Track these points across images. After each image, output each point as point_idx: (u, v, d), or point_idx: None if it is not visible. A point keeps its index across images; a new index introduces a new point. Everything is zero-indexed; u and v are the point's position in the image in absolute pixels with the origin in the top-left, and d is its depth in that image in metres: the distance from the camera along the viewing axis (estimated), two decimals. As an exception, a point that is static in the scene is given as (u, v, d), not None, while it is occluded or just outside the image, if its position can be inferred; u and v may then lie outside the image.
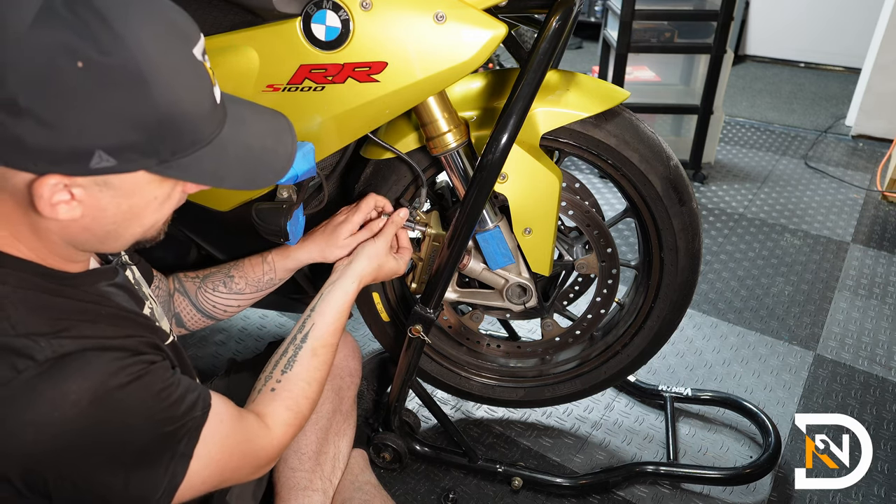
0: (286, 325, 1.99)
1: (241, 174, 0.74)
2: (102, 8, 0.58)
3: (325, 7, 0.96)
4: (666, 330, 1.36)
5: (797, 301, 2.10)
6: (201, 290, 1.15)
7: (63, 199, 0.63)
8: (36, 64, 0.56)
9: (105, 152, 0.61)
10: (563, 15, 0.99)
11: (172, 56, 0.63)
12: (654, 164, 1.19)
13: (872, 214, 2.65)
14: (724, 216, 2.64)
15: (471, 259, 1.26)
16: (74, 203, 0.64)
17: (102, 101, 0.59)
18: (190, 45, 0.65)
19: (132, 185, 0.66)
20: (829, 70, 4.54)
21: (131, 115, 0.61)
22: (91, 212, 0.66)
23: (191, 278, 1.16)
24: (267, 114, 0.82)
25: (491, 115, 1.15)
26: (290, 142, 0.81)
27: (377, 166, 1.23)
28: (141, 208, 0.69)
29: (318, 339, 1.00)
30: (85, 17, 0.57)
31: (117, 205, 0.67)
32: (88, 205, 0.65)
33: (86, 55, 0.57)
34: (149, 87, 0.60)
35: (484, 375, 1.48)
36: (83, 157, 0.60)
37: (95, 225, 0.68)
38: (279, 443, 0.90)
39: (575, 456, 1.53)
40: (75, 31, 0.57)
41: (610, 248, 1.28)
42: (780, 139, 3.41)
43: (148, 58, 0.60)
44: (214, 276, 1.16)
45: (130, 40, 0.59)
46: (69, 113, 0.58)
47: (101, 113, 0.59)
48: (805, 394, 1.71)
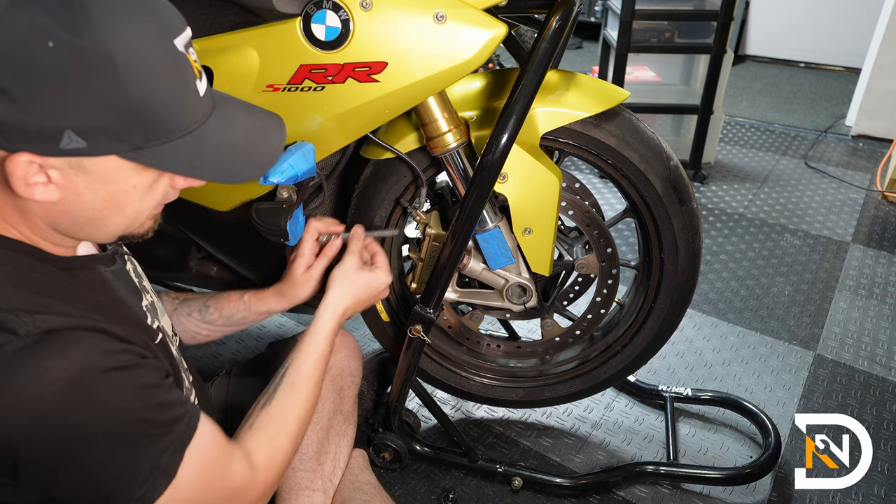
0: (286, 325, 1.99)
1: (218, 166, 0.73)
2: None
3: (325, 7, 0.96)
4: (666, 330, 1.36)
5: (797, 301, 2.10)
6: (177, 311, 1.16)
7: (39, 180, 0.64)
8: (9, 42, 0.58)
9: (75, 133, 0.62)
10: (563, 15, 0.99)
11: (149, 44, 0.64)
12: (654, 164, 1.19)
13: (872, 214, 2.65)
14: (724, 216, 2.64)
15: (471, 259, 1.26)
16: (52, 186, 0.65)
17: (72, 82, 0.60)
18: (171, 35, 0.66)
19: (107, 171, 0.66)
20: (829, 70, 4.54)
21: (101, 99, 0.62)
22: (68, 195, 0.67)
23: (171, 298, 1.17)
24: (260, 114, 0.81)
25: (491, 115, 1.15)
26: (276, 140, 0.81)
27: (377, 166, 1.23)
28: (120, 196, 0.69)
29: (298, 374, 0.98)
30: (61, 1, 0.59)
31: (94, 190, 0.67)
32: (65, 188, 0.66)
33: (57, 36, 0.59)
34: (120, 71, 0.61)
35: (484, 375, 1.48)
36: (53, 137, 0.62)
37: (74, 210, 0.69)
38: (263, 481, 0.85)
39: (575, 456, 1.54)
40: (50, 13, 0.59)
41: (610, 248, 1.28)
42: (780, 139, 3.41)
43: (121, 44, 0.61)
44: (192, 302, 1.17)
45: (105, 25, 0.60)
46: (39, 91, 0.60)
47: (70, 93, 0.60)
48: (805, 394, 1.71)
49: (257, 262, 1.35)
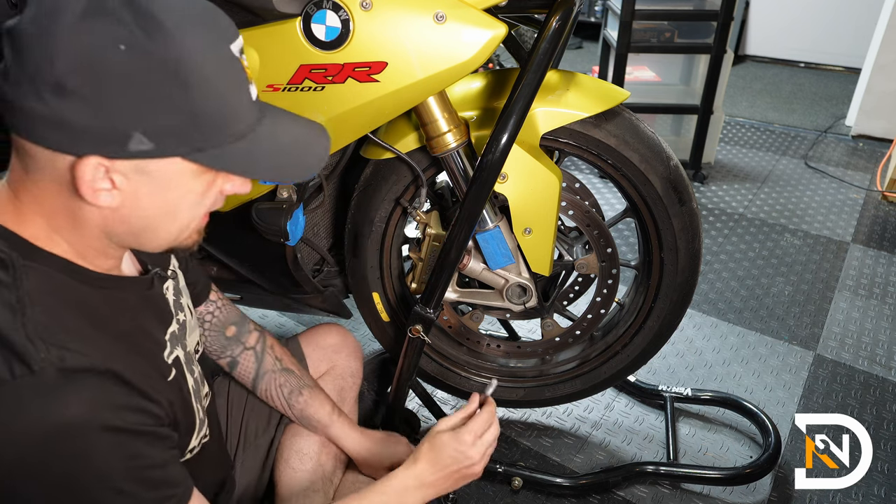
0: (286, 324, 1.99)
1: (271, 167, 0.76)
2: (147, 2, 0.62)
3: (325, 7, 0.96)
4: (666, 330, 1.36)
5: (797, 301, 2.10)
6: (270, 374, 1.15)
7: (104, 186, 0.65)
8: (85, 48, 0.60)
9: (143, 135, 0.63)
10: (563, 15, 0.99)
11: (212, 51, 0.66)
12: (654, 164, 1.19)
13: (872, 214, 2.65)
14: (724, 216, 2.64)
15: (471, 259, 1.26)
16: (115, 192, 0.66)
17: (143, 85, 0.62)
18: (228, 41, 0.69)
19: (168, 175, 0.68)
20: (829, 70, 4.54)
21: (169, 101, 0.64)
22: (129, 201, 0.68)
23: (276, 357, 1.15)
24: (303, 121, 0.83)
25: (491, 115, 1.15)
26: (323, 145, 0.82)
27: (377, 166, 1.23)
28: (176, 202, 0.71)
29: None
30: (131, 9, 0.61)
31: (153, 195, 0.69)
32: (127, 193, 0.67)
33: (129, 40, 0.61)
34: (187, 75, 0.63)
35: (484, 375, 1.48)
36: (123, 139, 0.63)
37: (132, 216, 0.70)
38: None
39: (575, 456, 1.53)
40: (122, 21, 0.61)
41: (610, 248, 1.28)
42: (780, 139, 3.41)
43: (188, 49, 0.64)
44: (291, 376, 1.15)
45: (173, 32, 0.63)
46: (112, 94, 0.61)
47: (141, 96, 0.62)
48: (805, 394, 1.71)
49: (257, 262, 1.35)
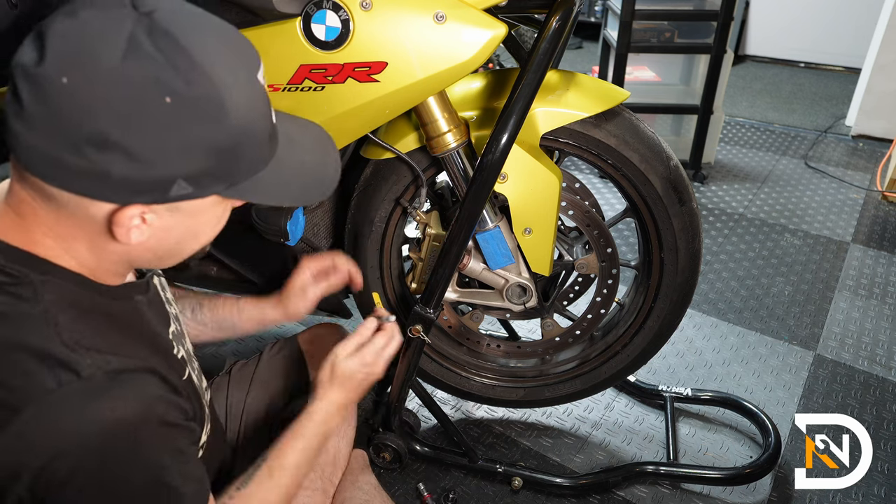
0: (286, 324, 1.99)
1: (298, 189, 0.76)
2: (182, 39, 0.60)
3: (325, 7, 0.96)
4: (666, 330, 1.36)
5: (797, 301, 2.10)
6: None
7: (135, 224, 0.65)
8: (127, 99, 0.58)
9: (184, 181, 0.63)
10: (563, 15, 0.99)
11: (244, 83, 0.65)
12: (654, 164, 1.19)
13: (872, 214, 2.65)
14: (724, 216, 2.64)
15: (471, 259, 1.26)
16: (145, 227, 0.66)
17: (187, 133, 0.61)
18: (255, 69, 0.68)
19: (199, 207, 0.68)
20: (829, 70, 4.54)
21: (210, 143, 0.63)
22: (158, 233, 0.68)
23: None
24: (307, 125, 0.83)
25: (491, 115, 1.15)
26: (334, 153, 0.82)
27: (377, 166, 1.23)
28: (201, 228, 0.71)
29: (279, 462, 0.95)
30: (168, 49, 0.59)
31: (182, 225, 0.69)
32: (157, 227, 0.67)
33: (172, 89, 0.59)
34: (227, 114, 0.62)
35: (484, 375, 1.48)
36: (165, 187, 0.62)
37: (159, 245, 0.70)
38: None
39: (575, 456, 1.53)
40: (160, 65, 0.59)
41: (610, 248, 1.28)
42: (780, 139, 3.41)
43: (226, 86, 0.62)
44: (187, 300, 1.16)
45: (210, 70, 0.61)
46: (157, 146, 0.60)
47: (185, 143, 0.61)
48: (805, 394, 1.71)
49: (257, 262, 1.35)
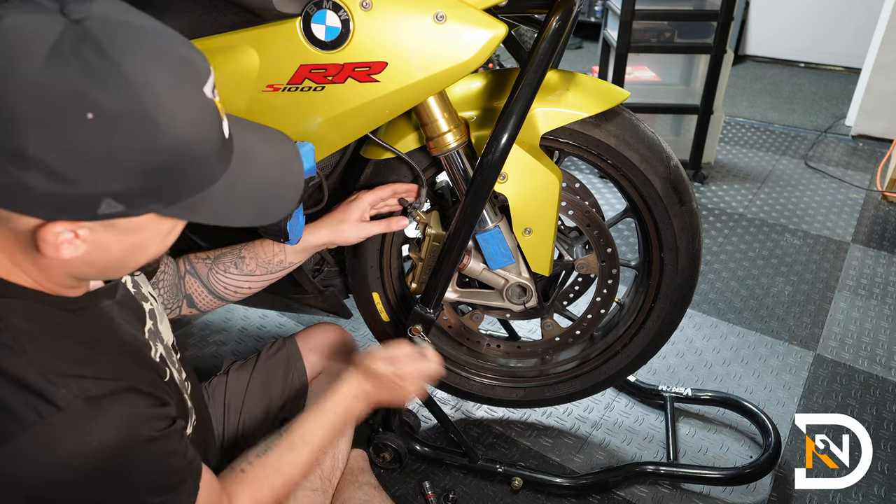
0: (286, 324, 1.99)
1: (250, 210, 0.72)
2: (110, 50, 0.56)
3: (325, 7, 0.96)
4: (666, 330, 1.36)
5: (797, 301, 2.10)
6: (213, 271, 1.14)
7: (67, 238, 0.62)
8: (45, 113, 0.55)
9: (113, 199, 0.59)
10: (563, 15, 0.99)
11: (182, 98, 0.61)
12: (654, 164, 1.19)
13: (872, 214, 2.65)
14: (724, 216, 2.64)
15: (471, 259, 1.26)
16: (78, 241, 0.63)
17: (112, 151, 0.57)
18: (200, 83, 0.63)
19: (138, 224, 0.65)
20: (829, 70, 4.54)
21: (140, 162, 0.59)
22: (95, 249, 0.65)
23: (202, 259, 1.15)
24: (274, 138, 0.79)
25: (491, 115, 1.15)
26: (297, 170, 0.79)
27: (377, 166, 1.23)
28: (145, 243, 0.68)
29: (301, 436, 0.96)
30: (93, 61, 0.56)
31: (121, 241, 0.66)
32: (93, 243, 0.64)
33: (95, 105, 0.56)
34: (158, 132, 0.59)
35: (484, 375, 1.48)
36: (91, 205, 0.59)
37: (100, 260, 0.67)
38: None
39: (575, 456, 1.53)
40: (84, 77, 0.55)
41: (610, 248, 1.28)
42: (780, 139, 3.41)
43: (158, 103, 0.58)
44: (226, 258, 1.15)
45: (140, 85, 0.57)
46: (78, 164, 0.57)
47: (110, 161, 0.58)
48: (805, 394, 1.71)
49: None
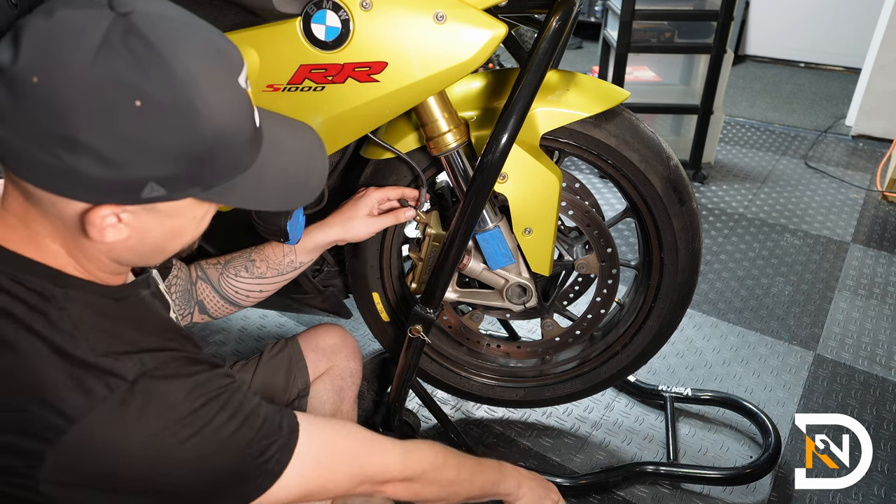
0: (286, 324, 1.99)
1: (279, 196, 0.76)
2: (156, 42, 0.59)
3: (325, 7, 0.96)
4: (666, 330, 1.36)
5: (797, 301, 2.10)
6: (224, 276, 1.15)
7: (111, 222, 0.65)
8: (96, 101, 0.58)
9: (156, 183, 0.63)
10: (563, 15, 0.99)
11: (221, 86, 0.65)
12: (654, 164, 1.19)
13: (872, 214, 2.65)
14: (724, 216, 2.64)
15: (471, 259, 1.26)
16: (121, 226, 0.66)
17: (157, 137, 0.61)
18: (236, 72, 0.67)
19: (177, 208, 0.68)
20: (829, 70, 4.54)
21: (183, 147, 0.62)
22: (137, 233, 0.68)
23: (212, 265, 1.16)
24: (299, 129, 0.83)
25: (491, 115, 1.15)
26: (321, 159, 0.82)
27: (377, 166, 1.23)
28: (182, 227, 0.71)
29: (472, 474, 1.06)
30: (140, 52, 0.59)
31: (161, 224, 0.69)
32: (135, 227, 0.67)
33: (143, 93, 0.59)
34: (200, 119, 0.62)
35: (484, 375, 1.48)
36: (136, 189, 0.62)
37: (140, 245, 0.70)
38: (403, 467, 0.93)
39: (575, 456, 1.53)
40: (132, 67, 0.58)
41: (610, 248, 1.28)
42: (780, 139, 3.41)
43: (200, 91, 0.62)
44: (236, 262, 1.16)
45: (184, 74, 0.61)
46: (126, 149, 0.60)
47: (155, 147, 0.61)
48: (805, 394, 1.71)
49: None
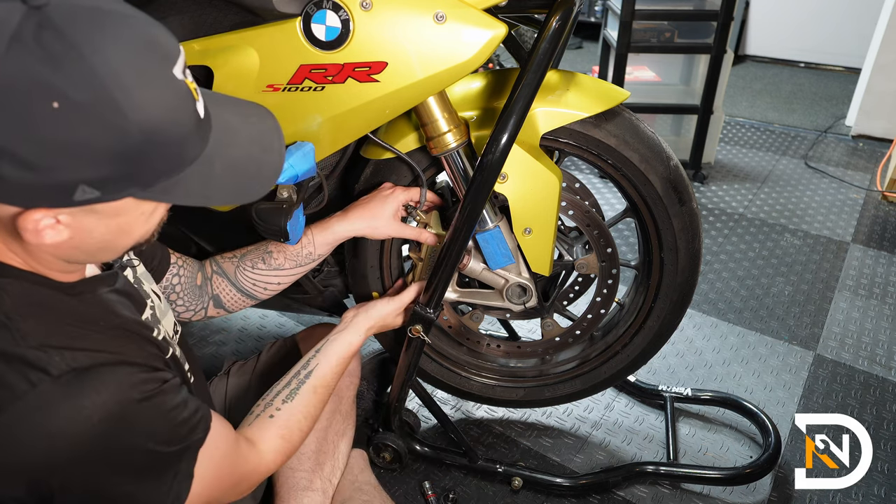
0: (286, 324, 1.99)
1: (229, 189, 0.72)
2: (72, 36, 0.55)
3: (325, 7, 0.96)
4: (666, 330, 1.36)
5: (797, 301, 2.10)
6: (240, 268, 1.14)
7: (48, 224, 0.62)
8: (10, 104, 0.54)
9: (88, 186, 0.59)
10: (563, 15, 0.99)
11: (150, 80, 0.61)
12: (654, 164, 1.19)
13: (872, 214, 2.65)
14: (724, 216, 2.63)
15: (471, 259, 1.26)
16: (61, 227, 0.63)
17: (81, 138, 0.57)
18: (169, 64, 0.62)
19: (118, 208, 0.65)
20: (829, 70, 4.54)
21: (110, 148, 0.59)
22: (79, 234, 0.65)
23: (228, 259, 1.16)
24: (253, 116, 0.78)
25: (491, 115, 1.15)
26: (277, 147, 0.78)
27: (377, 166, 1.23)
28: (129, 224, 0.68)
29: (320, 379, 1.05)
30: (55, 48, 0.55)
31: (104, 224, 0.66)
32: (76, 228, 0.64)
33: (59, 92, 0.55)
34: (126, 117, 0.58)
35: (484, 375, 1.48)
36: (66, 192, 0.59)
37: (84, 244, 0.68)
38: (266, 468, 0.92)
39: (575, 456, 1.53)
40: (45, 65, 0.54)
41: (610, 248, 1.28)
42: (780, 139, 3.41)
43: (123, 88, 0.58)
44: (252, 254, 1.15)
45: (104, 70, 0.56)
46: (47, 152, 0.57)
47: (80, 149, 0.58)
48: (805, 394, 1.71)
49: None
